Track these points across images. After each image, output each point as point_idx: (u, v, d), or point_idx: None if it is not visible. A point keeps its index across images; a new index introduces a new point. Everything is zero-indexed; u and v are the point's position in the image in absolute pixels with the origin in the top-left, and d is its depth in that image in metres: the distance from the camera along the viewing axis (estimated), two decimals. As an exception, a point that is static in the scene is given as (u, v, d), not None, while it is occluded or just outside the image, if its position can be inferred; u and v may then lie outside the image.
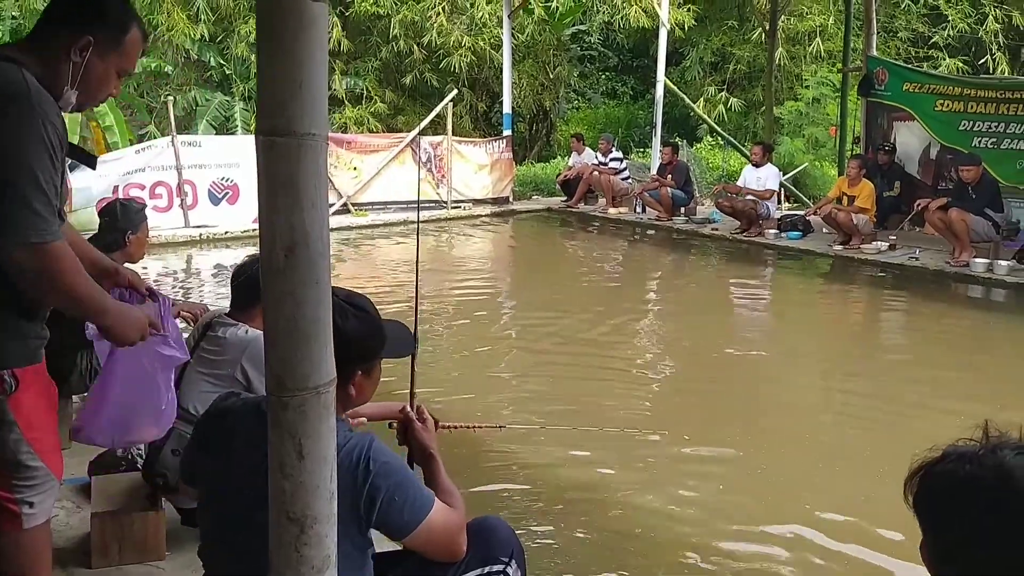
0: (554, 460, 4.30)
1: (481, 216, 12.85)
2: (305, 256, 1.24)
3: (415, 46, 15.39)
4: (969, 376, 6.01)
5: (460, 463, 3.82)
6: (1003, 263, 8.52)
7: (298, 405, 1.28)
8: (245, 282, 2.96)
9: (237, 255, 9.85)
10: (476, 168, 13.20)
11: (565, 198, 13.53)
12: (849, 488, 4.09)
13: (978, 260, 8.61)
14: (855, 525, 3.71)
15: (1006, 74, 15.34)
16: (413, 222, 12.07)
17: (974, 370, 6.20)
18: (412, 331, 2.20)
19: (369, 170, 12.26)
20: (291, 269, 1.24)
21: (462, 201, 12.95)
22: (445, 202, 12.78)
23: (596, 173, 12.88)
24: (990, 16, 15.50)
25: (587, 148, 13.50)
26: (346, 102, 15.46)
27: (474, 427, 2.87)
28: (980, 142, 10.03)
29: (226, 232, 10.68)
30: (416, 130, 12.83)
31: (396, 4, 15.15)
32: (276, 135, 1.22)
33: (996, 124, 10.00)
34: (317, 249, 1.25)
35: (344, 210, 11.96)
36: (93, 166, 2.24)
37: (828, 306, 8.59)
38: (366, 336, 1.89)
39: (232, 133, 14.19)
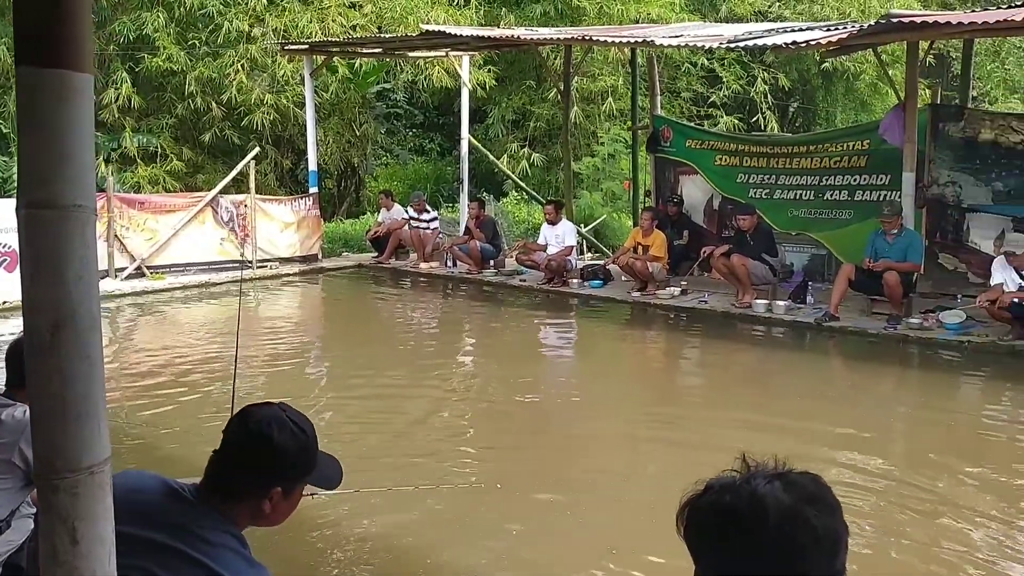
0: (367, 523, 4.24)
1: (289, 275, 12.57)
2: (72, 332, 1.19)
3: (213, 103, 14.92)
4: (754, 406, 6.50)
5: (268, 538, 3.69)
6: (780, 303, 9.32)
7: (70, 488, 1.21)
8: (21, 358, 2.76)
9: (16, 327, 9.08)
10: (282, 226, 12.93)
11: (376, 254, 13.51)
12: (661, 524, 4.28)
13: (759, 301, 9.36)
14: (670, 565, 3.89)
15: (775, 131, 16.89)
16: (214, 284, 11.59)
17: (758, 401, 6.71)
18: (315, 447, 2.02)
19: (165, 231, 11.72)
20: (58, 346, 1.19)
21: (268, 260, 12.63)
22: (250, 262, 12.40)
23: (406, 228, 12.98)
24: (759, 78, 17.07)
25: (396, 204, 13.56)
26: (139, 160, 14.72)
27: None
28: (755, 193, 10.92)
29: (4, 302, 9.81)
30: (216, 188, 12.42)
31: (191, 61, 14.65)
32: (38, 208, 1.17)
33: (768, 176, 10.93)
34: (86, 324, 1.20)
35: (139, 273, 11.35)
36: None
37: (631, 348, 9.03)
38: (296, 454, 1.86)
39: (11, 196, 13.14)
